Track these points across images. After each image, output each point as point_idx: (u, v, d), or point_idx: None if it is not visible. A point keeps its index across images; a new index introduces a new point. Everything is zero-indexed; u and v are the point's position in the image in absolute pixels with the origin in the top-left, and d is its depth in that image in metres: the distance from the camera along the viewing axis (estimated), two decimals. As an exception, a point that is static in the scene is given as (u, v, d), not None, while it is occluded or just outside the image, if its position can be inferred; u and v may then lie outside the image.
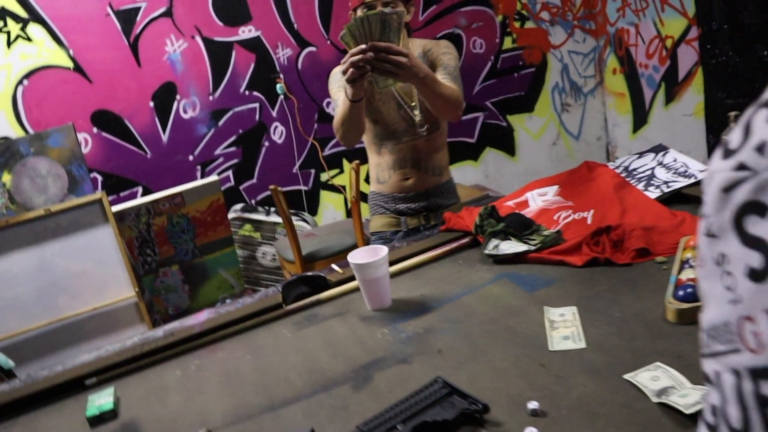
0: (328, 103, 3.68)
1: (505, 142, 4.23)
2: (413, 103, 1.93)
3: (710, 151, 3.65)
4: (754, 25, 3.19)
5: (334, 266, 1.62)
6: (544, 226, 1.58)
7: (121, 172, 3.32)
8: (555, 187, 1.80)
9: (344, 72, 1.61)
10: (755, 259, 0.37)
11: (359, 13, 1.82)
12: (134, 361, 1.37)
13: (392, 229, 2.08)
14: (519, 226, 1.57)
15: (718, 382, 0.41)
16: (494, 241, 1.55)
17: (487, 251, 1.54)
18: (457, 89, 1.85)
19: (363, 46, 1.56)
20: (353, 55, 1.57)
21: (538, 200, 1.76)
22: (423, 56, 1.93)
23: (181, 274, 3.13)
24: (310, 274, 1.56)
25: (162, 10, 3.26)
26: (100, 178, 3.27)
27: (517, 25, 4.09)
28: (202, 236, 3.11)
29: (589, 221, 1.60)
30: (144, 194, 3.35)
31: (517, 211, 1.68)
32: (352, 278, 1.52)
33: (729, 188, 0.39)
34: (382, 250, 1.38)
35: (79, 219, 2.69)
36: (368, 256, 1.38)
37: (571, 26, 4.24)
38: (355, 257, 1.37)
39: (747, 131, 0.39)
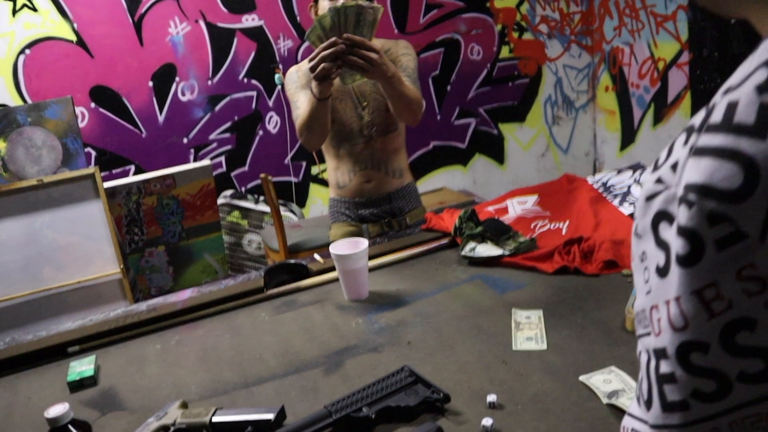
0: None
1: (495, 150, 4.30)
2: (365, 103, 1.90)
3: (693, 173, 3.73)
4: (743, 54, 3.25)
5: (315, 256, 1.68)
6: (520, 233, 1.65)
7: (115, 149, 3.35)
8: (535, 197, 1.86)
9: (312, 69, 1.59)
10: (661, 258, 0.44)
11: (323, 1, 1.79)
12: (116, 333, 1.43)
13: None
14: (496, 231, 1.64)
15: (640, 360, 0.48)
16: (471, 244, 1.62)
17: (463, 253, 1.60)
18: (418, 92, 1.83)
19: (333, 40, 1.55)
20: (324, 49, 1.56)
21: (517, 208, 1.83)
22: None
23: (166, 255, 3.18)
24: (291, 261, 1.62)
25: (167, -8, 3.30)
26: (93, 153, 3.30)
27: (515, 35, 4.16)
28: (190, 219, 3.16)
29: (563, 232, 1.67)
30: (136, 173, 3.39)
31: (495, 217, 1.74)
32: (332, 269, 1.58)
33: (650, 197, 0.46)
34: (363, 243, 1.44)
35: (71, 192, 2.73)
36: (349, 248, 1.44)
37: (568, 41, 4.32)
38: (336, 248, 1.43)
39: (670, 151, 0.46)
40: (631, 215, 1.69)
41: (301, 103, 1.84)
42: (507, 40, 4.14)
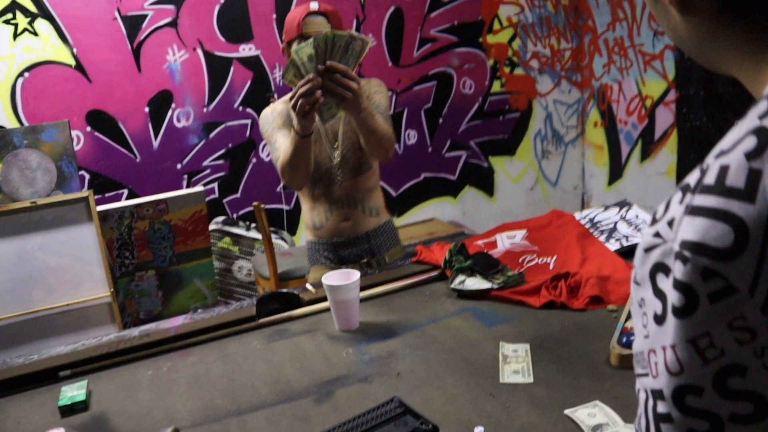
0: (318, 127, 3.78)
1: (485, 183, 4.36)
2: (336, 143, 1.91)
3: (678, 210, 3.80)
4: (728, 94, 3.38)
5: (307, 285, 1.71)
6: (508, 267, 1.68)
7: (109, 172, 3.38)
8: (523, 231, 1.91)
9: (294, 106, 1.58)
10: (659, 306, 0.48)
11: (295, 45, 1.75)
12: (108, 358, 1.44)
13: None
14: (485, 265, 1.67)
15: (639, 397, 0.52)
16: (461, 277, 1.65)
17: (453, 285, 1.63)
18: (390, 130, 1.84)
19: (311, 75, 1.54)
20: (303, 85, 1.55)
21: (506, 242, 1.87)
22: None
23: (156, 280, 3.18)
24: (284, 291, 1.65)
25: (168, 20, 3.36)
26: (87, 176, 3.32)
27: (506, 70, 4.25)
28: (181, 244, 3.17)
29: (551, 267, 1.71)
30: (129, 197, 3.41)
31: (484, 251, 1.78)
32: (323, 299, 1.60)
33: (648, 249, 0.49)
34: (355, 275, 1.47)
35: (64, 215, 2.75)
36: (341, 279, 1.47)
37: (559, 77, 4.41)
38: (329, 279, 1.46)
39: (667, 207, 0.50)
40: (618, 251, 1.74)
41: (280, 144, 1.84)
42: (499, 75, 4.23)
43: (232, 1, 3.47)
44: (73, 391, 1.30)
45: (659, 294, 0.48)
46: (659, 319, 0.48)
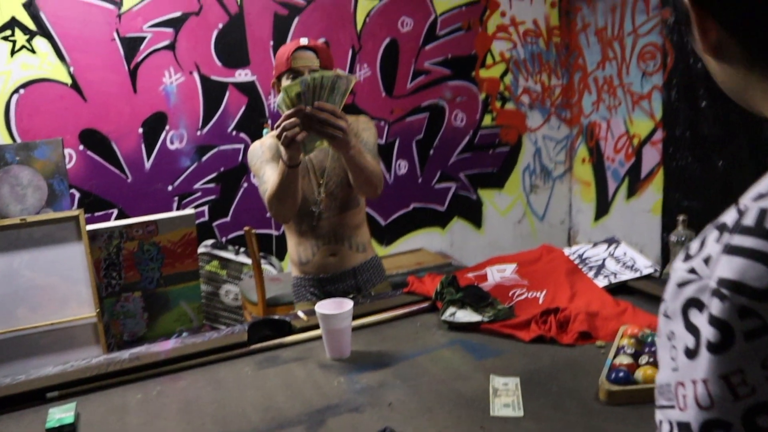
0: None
1: (473, 214, 4.40)
2: (322, 180, 1.92)
3: (663, 246, 3.86)
4: (713, 136, 3.46)
5: (299, 313, 1.71)
6: (498, 300, 1.70)
7: (100, 192, 3.37)
8: (513, 265, 1.93)
9: (278, 136, 1.60)
10: (690, 340, 0.50)
11: (285, 81, 1.80)
12: (98, 380, 1.43)
13: None
14: (476, 297, 1.69)
15: (660, 429, 0.53)
16: (451, 309, 1.67)
17: (444, 317, 1.65)
18: (378, 167, 1.84)
19: (299, 107, 1.56)
20: (287, 118, 1.57)
21: (496, 275, 1.89)
22: None
23: (142, 301, 3.16)
24: (276, 317, 1.65)
25: (165, 43, 3.40)
26: (77, 194, 3.31)
27: (498, 104, 4.33)
28: (169, 266, 3.16)
29: (540, 301, 1.73)
30: (118, 217, 3.40)
31: (475, 284, 1.80)
32: (315, 327, 1.61)
33: (682, 284, 0.52)
34: (348, 304, 1.49)
35: (54, 233, 2.73)
36: (334, 307, 1.48)
37: (548, 113, 4.50)
38: (322, 307, 1.47)
39: (702, 244, 0.52)
40: (606, 288, 1.77)
41: (268, 177, 1.85)
42: (490, 109, 4.30)
43: (230, 27, 3.52)
44: (61, 414, 1.29)
45: (692, 328, 0.50)
46: (691, 353, 0.50)
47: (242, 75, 3.60)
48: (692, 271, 0.51)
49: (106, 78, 3.31)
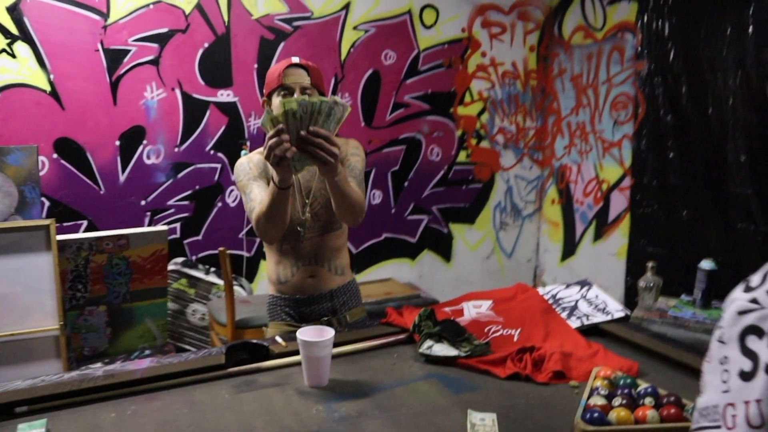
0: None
1: (443, 248, 4.45)
2: (308, 200, 1.91)
3: (627, 290, 3.95)
4: (678, 186, 3.59)
5: (277, 338, 1.71)
6: (474, 336, 1.73)
7: (71, 202, 3.31)
8: (489, 302, 1.96)
9: (267, 157, 1.57)
10: (747, 364, 0.54)
11: (276, 98, 1.81)
12: (70, 396, 1.40)
13: None
14: (453, 332, 1.71)
15: None
16: (429, 342, 1.69)
17: (421, 350, 1.67)
18: (362, 195, 1.84)
19: (280, 126, 1.53)
20: (272, 138, 1.54)
21: (472, 311, 1.92)
22: None
23: (106, 316, 3.09)
24: (254, 341, 1.64)
25: (150, 57, 3.39)
26: (47, 203, 3.25)
27: (473, 142, 4.42)
28: (137, 282, 3.11)
29: (515, 339, 1.76)
30: (88, 229, 3.34)
31: (452, 318, 1.82)
32: (292, 352, 1.61)
33: (742, 312, 0.56)
34: (329, 332, 1.49)
35: (21, 241, 2.67)
36: (315, 335, 1.49)
37: (522, 153, 4.61)
38: (303, 334, 1.47)
39: (764, 278, 0.57)
40: (578, 329, 1.81)
41: (255, 195, 1.84)
42: (465, 146, 4.39)
43: (215, 47, 3.54)
44: (31, 430, 1.26)
45: (749, 353, 0.54)
46: (746, 376, 0.54)
47: (224, 95, 3.61)
48: (754, 301, 0.56)
49: (86, 88, 3.28)
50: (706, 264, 2.41)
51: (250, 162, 1.96)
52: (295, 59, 1.85)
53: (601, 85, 4.14)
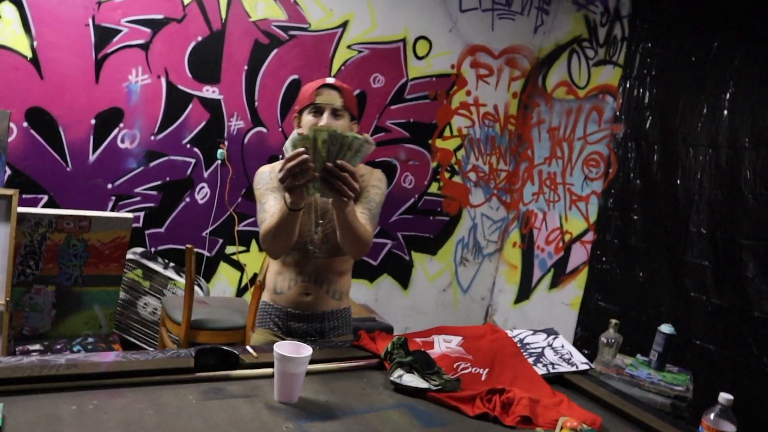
0: (259, 182, 3.78)
1: (403, 275, 4.46)
2: (321, 221, 1.89)
3: (576, 341, 4.04)
4: (639, 248, 3.71)
5: (248, 348, 1.67)
6: (444, 371, 1.73)
7: (34, 174, 3.19)
8: (459, 338, 1.97)
9: (282, 180, 1.53)
10: None
11: (306, 115, 1.81)
12: (28, 382, 1.33)
13: None
14: (424, 363, 1.71)
15: None
16: (399, 371, 1.68)
17: (391, 378, 1.66)
18: (369, 231, 1.82)
19: (302, 150, 1.49)
20: (294, 159, 1.49)
21: (442, 345, 1.92)
22: None
23: (54, 297, 2.97)
24: (225, 348, 1.60)
25: (140, 41, 3.32)
26: (9, 171, 3.11)
27: (446, 175, 4.47)
28: (92, 266, 3.00)
29: (483, 378, 1.77)
30: (47, 205, 3.22)
31: (423, 350, 1.82)
32: (263, 365, 1.58)
33: None
34: (307, 350, 1.47)
35: (-21, 209, 2.55)
36: (292, 350, 1.46)
37: (491, 193, 4.68)
38: (282, 348, 1.45)
39: None
40: (544, 377, 1.83)
41: (269, 207, 1.81)
42: (438, 178, 4.44)
43: (208, 41, 3.50)
44: (-14, 412, 1.19)
45: None
46: None
47: (210, 91, 3.56)
48: None
49: (69, 60, 3.18)
50: (666, 328, 2.49)
51: (272, 172, 1.92)
52: (330, 80, 1.85)
53: (576, 140, 4.26)
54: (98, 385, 1.39)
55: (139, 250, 3.40)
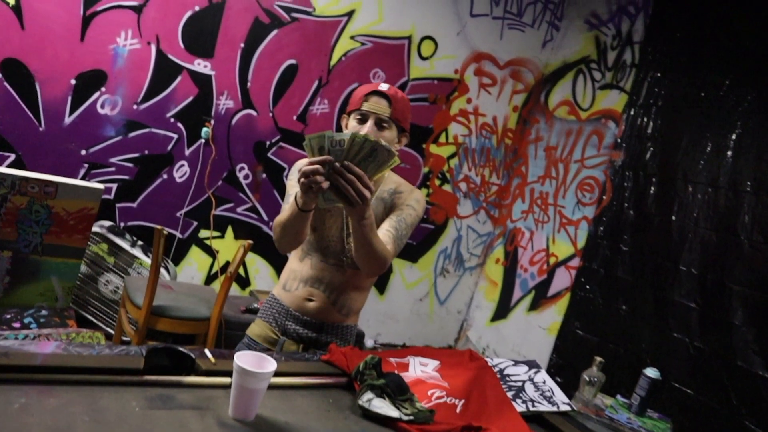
0: (241, 168, 3.61)
1: (380, 280, 4.32)
2: (349, 231, 1.79)
3: (550, 367, 3.93)
4: (624, 280, 3.61)
5: (206, 352, 1.52)
6: (417, 398, 1.59)
7: (3, 130, 2.99)
8: (436, 363, 1.83)
9: (299, 180, 1.47)
10: None
11: (351, 120, 1.75)
12: (-52, 368, 1.17)
13: (265, 345, 1.87)
14: (397, 388, 1.57)
15: None
16: (369, 394, 1.53)
17: (360, 402, 1.51)
18: (389, 251, 1.72)
19: (325, 158, 1.42)
20: (312, 164, 1.43)
21: (418, 368, 1.78)
22: (392, 192, 1.83)
23: (9, 263, 2.78)
24: (181, 349, 1.45)
25: (133, 3, 3.14)
26: (-25, 125, 2.92)
27: (437, 182, 4.34)
28: (54, 235, 2.82)
29: (458, 410, 1.63)
30: (14, 165, 3.03)
31: (397, 372, 1.68)
32: (220, 373, 1.43)
33: None
34: (271, 364, 1.32)
35: (-66, 161, 2.36)
36: (254, 362, 1.31)
37: (480, 205, 4.56)
38: (243, 360, 1.29)
39: None
40: (523, 414, 1.70)
41: (290, 200, 1.72)
42: (428, 184, 4.30)
43: (206, 13, 3.32)
44: None
45: None
46: None
47: (201, 66, 3.38)
48: None
49: (54, 14, 2.99)
50: (651, 372, 2.38)
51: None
52: (384, 86, 1.73)
53: (573, 162, 4.15)
54: (30, 380, 1.22)
55: (107, 223, 3.22)
